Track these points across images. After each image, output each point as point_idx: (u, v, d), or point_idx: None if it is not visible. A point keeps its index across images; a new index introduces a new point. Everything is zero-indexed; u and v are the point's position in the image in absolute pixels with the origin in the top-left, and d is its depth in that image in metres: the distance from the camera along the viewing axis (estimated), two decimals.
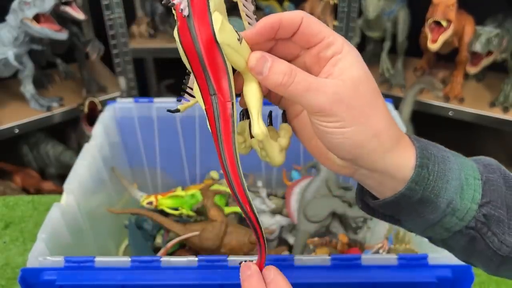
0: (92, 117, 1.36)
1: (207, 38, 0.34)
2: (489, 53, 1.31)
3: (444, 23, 1.25)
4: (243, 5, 0.40)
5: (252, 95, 0.38)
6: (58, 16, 1.28)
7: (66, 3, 1.25)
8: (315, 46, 0.37)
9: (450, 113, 1.44)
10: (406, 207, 0.38)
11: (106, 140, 0.92)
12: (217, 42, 0.34)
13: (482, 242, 0.38)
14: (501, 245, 0.38)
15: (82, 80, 1.52)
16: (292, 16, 0.37)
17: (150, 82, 1.87)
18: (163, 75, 1.88)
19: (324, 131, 0.36)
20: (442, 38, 1.26)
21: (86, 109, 1.40)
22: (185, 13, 0.34)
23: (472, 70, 1.35)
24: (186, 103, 0.41)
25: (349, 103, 0.36)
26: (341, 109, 0.35)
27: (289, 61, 0.38)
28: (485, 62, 1.33)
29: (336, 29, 1.54)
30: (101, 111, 1.00)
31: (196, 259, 0.59)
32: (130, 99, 0.99)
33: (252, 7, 0.39)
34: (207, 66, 0.35)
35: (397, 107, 1.05)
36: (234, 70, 0.38)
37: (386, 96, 1.05)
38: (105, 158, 0.90)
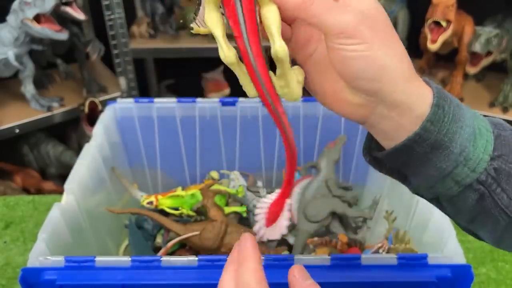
0: (92, 117, 1.36)
1: None
2: (489, 53, 1.31)
3: (443, 24, 1.25)
4: None
5: (271, 15, 0.36)
6: (58, 17, 1.28)
7: (66, 4, 1.25)
8: None
9: None
10: (418, 154, 0.36)
11: (106, 140, 0.92)
12: None
13: (490, 199, 0.37)
14: (510, 202, 0.37)
15: (83, 80, 1.52)
16: None
17: (151, 82, 1.88)
18: (163, 75, 1.88)
19: (346, 56, 0.35)
20: (441, 38, 1.26)
21: (86, 109, 1.40)
22: None
23: (472, 70, 1.35)
24: (198, 29, 0.41)
25: (374, 23, 0.35)
26: (366, 29, 0.34)
27: None
28: (485, 62, 1.33)
29: None
30: (101, 111, 1.00)
31: (196, 258, 0.59)
32: (131, 99, 0.99)
33: None
34: None
35: None
36: None
37: None
38: (106, 158, 0.90)
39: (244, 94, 0.39)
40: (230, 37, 0.39)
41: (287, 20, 0.38)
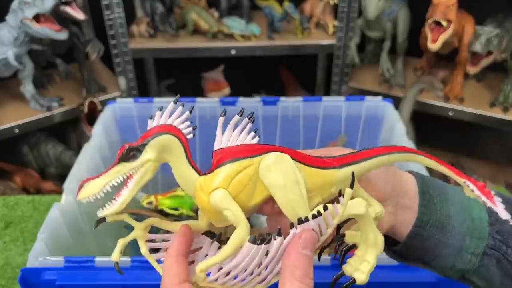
0: (92, 117, 1.36)
1: None
2: (489, 53, 1.31)
3: (444, 23, 1.25)
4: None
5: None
6: (58, 16, 1.28)
7: (66, 3, 1.25)
8: None
9: (450, 113, 1.44)
10: (428, 239, 0.41)
11: (106, 140, 0.92)
12: None
13: (506, 261, 0.40)
14: None
15: (82, 80, 1.52)
16: None
17: (150, 82, 1.88)
18: (163, 75, 1.88)
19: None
20: (442, 38, 1.25)
21: (86, 109, 1.40)
22: None
23: (472, 70, 1.35)
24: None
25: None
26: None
27: None
28: (485, 62, 1.33)
29: (336, 29, 1.54)
30: (101, 111, 1.00)
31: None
32: (130, 99, 0.99)
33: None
34: None
35: (397, 107, 1.05)
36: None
37: (386, 96, 1.05)
38: (105, 158, 0.90)
39: (244, 94, 0.40)
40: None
41: None
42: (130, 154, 0.36)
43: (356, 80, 1.61)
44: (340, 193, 0.36)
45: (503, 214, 0.36)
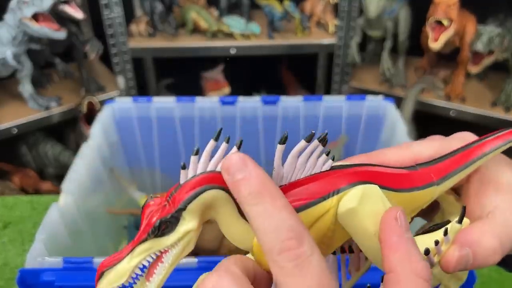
0: (91, 117, 1.35)
1: None
2: (491, 52, 1.30)
3: (445, 22, 1.24)
4: None
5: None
6: (56, 15, 1.27)
7: (65, 2, 1.24)
8: None
9: (451, 113, 1.43)
10: None
11: (104, 139, 0.92)
12: None
13: None
14: None
15: (81, 79, 1.51)
16: None
17: (149, 81, 1.87)
18: (162, 74, 1.87)
19: None
20: (443, 37, 1.25)
21: (85, 109, 1.40)
22: None
23: (474, 69, 1.34)
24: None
25: None
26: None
27: None
28: (487, 61, 1.32)
29: (336, 28, 1.54)
30: (99, 110, 0.99)
31: (196, 260, 0.58)
32: (129, 99, 0.98)
33: None
34: None
35: (398, 107, 1.04)
36: None
37: (387, 95, 1.04)
38: (104, 158, 0.89)
39: (244, 93, 0.38)
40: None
41: None
42: (163, 227, 0.27)
43: (357, 79, 1.60)
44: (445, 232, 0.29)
45: None
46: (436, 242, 0.28)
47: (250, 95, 1.25)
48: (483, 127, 1.46)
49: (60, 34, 1.25)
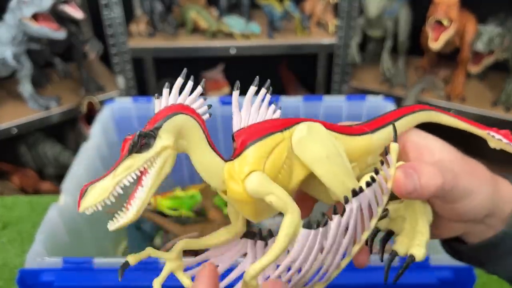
0: (90, 117, 1.36)
1: None
2: (491, 52, 1.30)
3: (445, 22, 1.24)
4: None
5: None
6: (56, 15, 1.27)
7: (64, 2, 1.24)
8: None
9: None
10: (503, 249, 0.37)
11: (104, 139, 0.92)
12: None
13: None
14: None
15: (81, 79, 1.51)
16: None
17: (149, 81, 1.87)
18: (162, 74, 1.87)
19: (460, 212, 0.35)
20: (444, 37, 1.25)
21: (84, 109, 1.40)
22: None
23: (474, 69, 1.34)
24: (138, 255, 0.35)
25: (462, 168, 0.35)
26: (465, 180, 0.35)
27: None
28: (487, 61, 1.32)
29: (336, 28, 1.53)
30: (99, 110, 0.99)
31: (196, 259, 0.58)
32: (129, 99, 0.98)
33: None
34: None
35: (398, 106, 1.04)
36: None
37: (387, 95, 1.04)
38: (103, 158, 0.89)
39: (244, 93, 0.38)
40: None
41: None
42: (142, 141, 0.29)
43: (357, 79, 1.60)
44: (386, 152, 0.32)
45: None
46: (382, 162, 0.32)
47: None
48: None
49: (60, 34, 1.25)
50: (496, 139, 0.37)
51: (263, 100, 0.35)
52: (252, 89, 0.33)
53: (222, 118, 0.95)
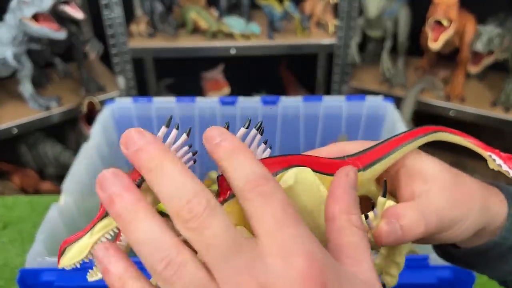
0: (91, 117, 1.36)
1: None
2: (490, 52, 1.30)
3: (445, 22, 1.24)
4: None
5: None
6: (57, 15, 1.27)
7: (65, 2, 1.24)
8: None
9: (451, 113, 1.43)
10: (493, 255, 0.37)
11: (104, 140, 0.92)
12: None
13: None
14: None
15: (81, 79, 1.51)
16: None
17: (149, 81, 1.87)
18: (162, 74, 1.87)
19: (453, 237, 0.35)
20: (443, 37, 1.25)
21: (85, 109, 1.40)
22: None
23: (474, 69, 1.34)
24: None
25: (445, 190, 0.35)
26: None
27: None
28: (486, 61, 1.32)
29: (336, 28, 1.54)
30: (100, 110, 0.99)
31: None
32: (129, 99, 0.98)
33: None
34: None
35: (398, 107, 1.04)
36: None
37: (387, 95, 1.05)
38: (104, 158, 0.90)
39: (243, 93, 0.38)
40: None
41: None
42: None
43: (356, 79, 1.60)
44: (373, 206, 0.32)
45: None
46: (366, 216, 0.31)
47: (250, 95, 1.26)
48: (482, 127, 1.46)
49: (60, 34, 1.25)
50: (496, 164, 0.37)
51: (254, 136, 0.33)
52: (242, 130, 0.32)
53: (222, 118, 0.95)
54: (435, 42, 1.26)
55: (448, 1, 1.24)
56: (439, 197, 0.34)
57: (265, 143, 0.33)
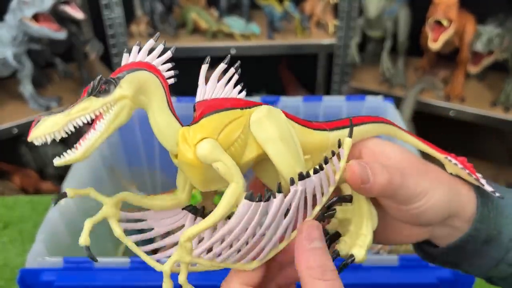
0: None
1: None
2: (490, 52, 1.31)
3: (445, 23, 1.25)
4: None
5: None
6: (57, 16, 1.27)
7: (65, 2, 1.25)
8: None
9: (451, 113, 1.43)
10: (471, 250, 0.38)
11: (104, 139, 0.92)
12: None
13: None
14: None
15: (81, 79, 1.51)
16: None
17: None
18: None
19: (415, 214, 0.36)
20: (443, 37, 1.25)
21: None
22: None
23: (473, 69, 1.34)
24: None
25: (414, 170, 0.36)
26: (421, 181, 0.35)
27: None
28: (486, 61, 1.33)
29: (336, 28, 1.54)
30: None
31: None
32: None
33: None
34: None
35: (398, 107, 1.04)
36: None
37: (387, 95, 1.05)
38: (104, 158, 0.90)
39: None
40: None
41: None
42: (102, 86, 0.29)
43: (356, 79, 1.60)
44: (339, 144, 0.34)
45: (488, 187, 0.36)
46: (333, 153, 0.33)
47: (250, 95, 1.26)
48: (482, 127, 1.46)
49: (60, 35, 1.25)
50: (452, 164, 0.38)
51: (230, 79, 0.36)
52: (222, 66, 0.36)
53: None
54: (435, 42, 1.26)
55: (448, 1, 1.24)
56: (402, 164, 0.36)
57: (242, 86, 0.36)
